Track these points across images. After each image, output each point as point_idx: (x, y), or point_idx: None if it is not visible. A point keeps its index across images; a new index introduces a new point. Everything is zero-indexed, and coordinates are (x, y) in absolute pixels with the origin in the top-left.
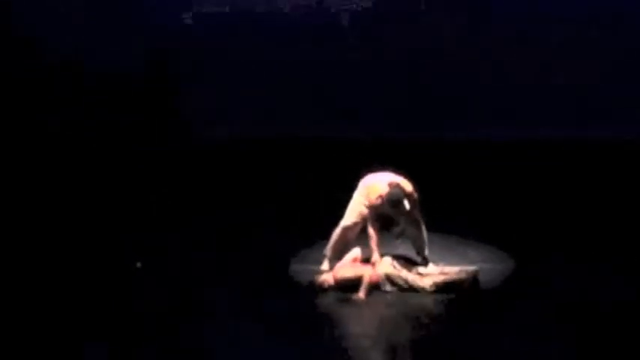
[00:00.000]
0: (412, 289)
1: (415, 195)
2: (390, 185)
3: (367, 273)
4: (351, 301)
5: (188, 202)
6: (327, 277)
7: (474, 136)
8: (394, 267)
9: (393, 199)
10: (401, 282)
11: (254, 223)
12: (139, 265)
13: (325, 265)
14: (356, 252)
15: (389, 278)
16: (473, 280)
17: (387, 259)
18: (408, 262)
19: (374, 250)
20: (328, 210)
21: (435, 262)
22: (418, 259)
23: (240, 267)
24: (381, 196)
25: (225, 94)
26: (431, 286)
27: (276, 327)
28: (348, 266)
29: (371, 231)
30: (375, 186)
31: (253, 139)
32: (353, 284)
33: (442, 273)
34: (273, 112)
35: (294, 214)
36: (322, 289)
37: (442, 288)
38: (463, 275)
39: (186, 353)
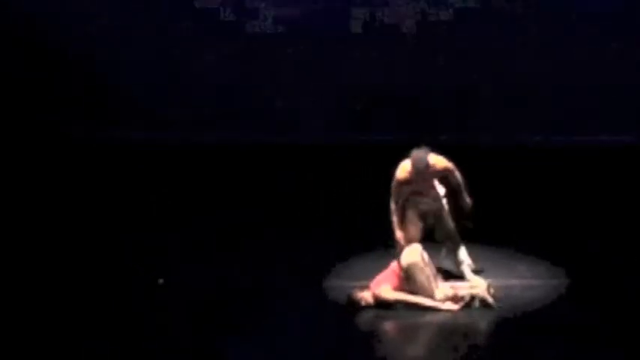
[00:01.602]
0: (424, 292)
1: (453, 169)
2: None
3: (412, 299)
4: (390, 319)
5: (216, 216)
6: (366, 295)
7: (532, 142)
8: (422, 258)
9: (416, 157)
10: (422, 277)
11: (285, 236)
12: (161, 281)
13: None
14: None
15: (410, 269)
16: (486, 294)
17: (417, 248)
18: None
19: (395, 226)
20: (363, 224)
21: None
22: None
23: (272, 282)
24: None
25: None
26: (442, 298)
27: (314, 346)
28: (388, 283)
29: (392, 206)
30: (404, 164)
31: (281, 145)
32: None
33: (453, 287)
34: (304, 115)
35: (328, 227)
36: (360, 306)
37: (452, 301)
38: (473, 290)
39: None
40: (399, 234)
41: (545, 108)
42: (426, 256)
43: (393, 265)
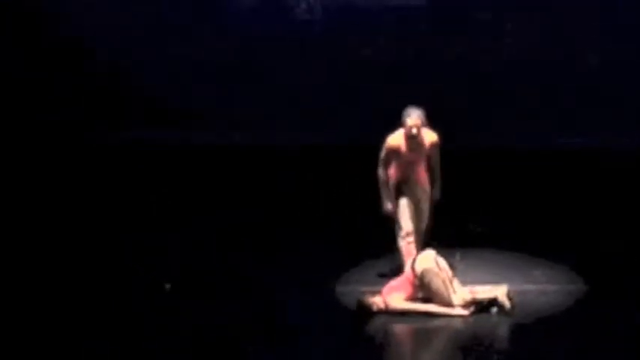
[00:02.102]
0: (441, 298)
1: (438, 146)
2: None
3: (422, 308)
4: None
5: (227, 219)
6: (377, 300)
7: (547, 145)
8: (437, 263)
9: (409, 110)
10: (438, 283)
11: (295, 239)
12: (167, 286)
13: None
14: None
15: (425, 276)
16: (505, 299)
17: (431, 253)
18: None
19: (384, 198)
20: (375, 228)
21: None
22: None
23: (280, 286)
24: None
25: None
26: (460, 303)
27: (324, 352)
28: (401, 290)
29: (380, 173)
30: (396, 133)
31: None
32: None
33: (472, 291)
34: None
35: (339, 231)
36: (371, 312)
37: (471, 306)
38: (492, 294)
39: None
40: (388, 205)
41: (557, 109)
42: (440, 260)
43: (408, 272)
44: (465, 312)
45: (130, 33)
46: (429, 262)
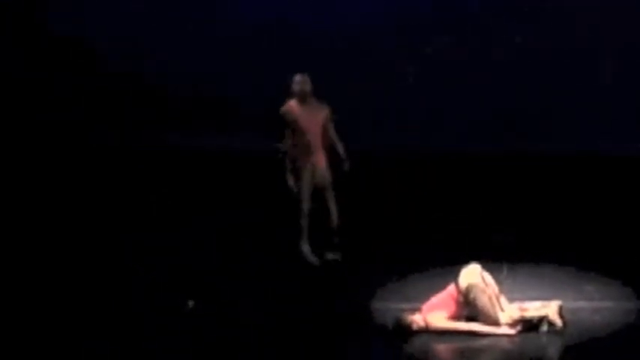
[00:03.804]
0: (487, 316)
1: (330, 116)
2: None
3: (465, 327)
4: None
5: (255, 232)
6: (417, 318)
7: (602, 152)
8: (482, 278)
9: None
10: (484, 299)
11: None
12: (190, 304)
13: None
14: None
15: (471, 292)
16: (556, 317)
17: (476, 267)
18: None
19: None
20: (413, 242)
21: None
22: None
23: (315, 303)
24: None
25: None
26: (508, 321)
27: None
28: (443, 308)
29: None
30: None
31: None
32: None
33: (521, 308)
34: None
35: (375, 245)
36: (411, 331)
37: (520, 324)
38: (543, 312)
39: None
40: (291, 180)
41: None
42: (486, 275)
43: (450, 288)
44: (512, 331)
45: (131, 32)
46: (475, 277)
